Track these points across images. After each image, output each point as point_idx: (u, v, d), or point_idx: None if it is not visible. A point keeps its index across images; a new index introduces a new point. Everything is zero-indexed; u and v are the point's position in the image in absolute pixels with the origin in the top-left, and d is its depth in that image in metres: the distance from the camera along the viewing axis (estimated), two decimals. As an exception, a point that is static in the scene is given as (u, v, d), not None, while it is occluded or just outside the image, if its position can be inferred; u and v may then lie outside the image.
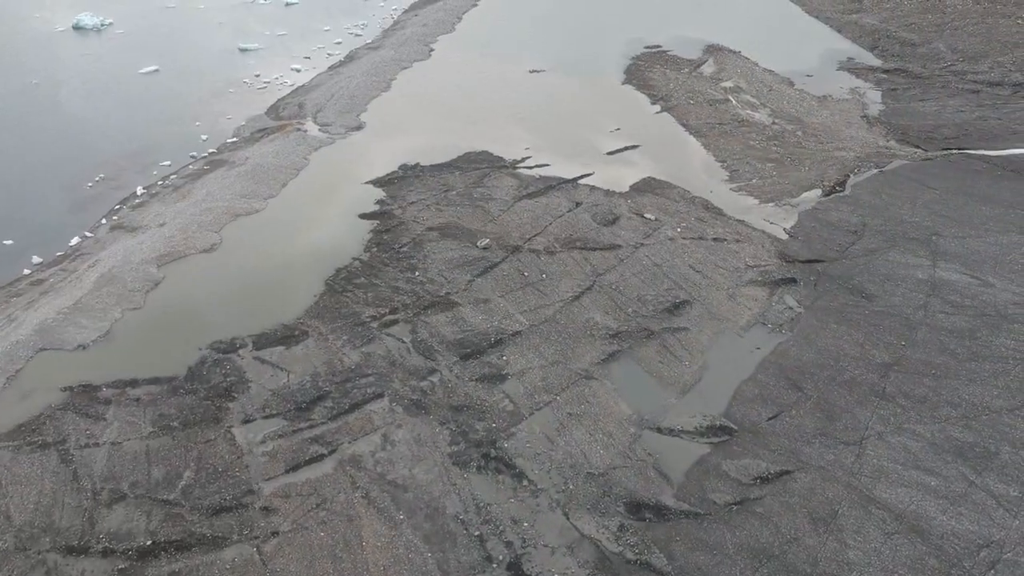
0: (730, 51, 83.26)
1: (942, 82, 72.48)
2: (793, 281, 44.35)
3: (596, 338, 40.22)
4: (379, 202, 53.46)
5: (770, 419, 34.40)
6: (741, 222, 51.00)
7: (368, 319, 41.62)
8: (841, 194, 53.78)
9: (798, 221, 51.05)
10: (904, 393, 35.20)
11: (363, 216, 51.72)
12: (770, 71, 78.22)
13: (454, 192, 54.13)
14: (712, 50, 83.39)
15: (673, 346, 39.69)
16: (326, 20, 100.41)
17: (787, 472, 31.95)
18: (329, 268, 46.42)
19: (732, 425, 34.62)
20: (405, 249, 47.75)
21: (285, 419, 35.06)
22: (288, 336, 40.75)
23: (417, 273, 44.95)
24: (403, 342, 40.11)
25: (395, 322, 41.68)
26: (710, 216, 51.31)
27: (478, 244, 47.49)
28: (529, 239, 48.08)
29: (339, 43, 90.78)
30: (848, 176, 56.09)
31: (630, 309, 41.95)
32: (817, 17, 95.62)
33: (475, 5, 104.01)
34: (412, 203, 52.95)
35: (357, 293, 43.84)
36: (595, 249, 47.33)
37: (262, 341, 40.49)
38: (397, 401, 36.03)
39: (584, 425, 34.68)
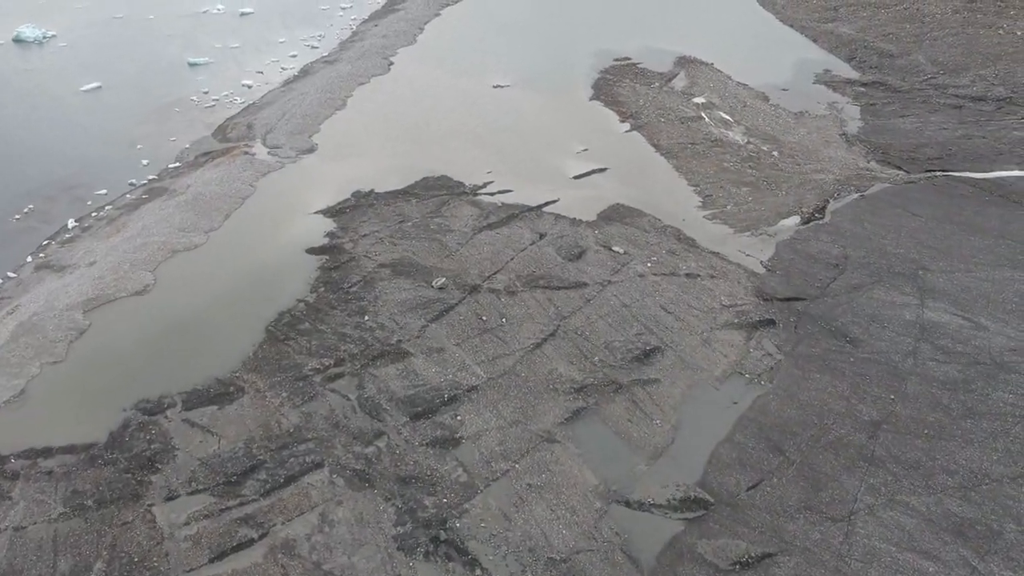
0: (702, 63, 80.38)
1: (923, 96, 69.77)
2: (772, 323, 41.32)
3: (559, 393, 36.85)
4: (329, 235, 49.90)
5: (750, 489, 31.39)
6: (715, 254, 47.86)
7: (311, 372, 38.05)
8: (821, 222, 50.84)
9: (776, 253, 48.00)
10: (895, 457, 32.15)
11: (311, 251, 48.27)
12: (744, 85, 75.31)
13: (410, 223, 50.63)
14: (684, 62, 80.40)
15: (643, 401, 36.41)
16: (282, 31, 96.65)
17: (769, 555, 28.64)
18: (271, 312, 42.91)
19: (708, 497, 31.49)
20: (355, 289, 44.25)
21: (213, 495, 31.60)
22: (222, 393, 37.22)
23: (367, 317, 41.39)
24: (348, 399, 36.65)
25: (340, 375, 38.16)
26: (682, 248, 48.11)
27: (433, 284, 44.12)
28: (489, 277, 44.69)
29: (294, 56, 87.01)
30: (827, 201, 53.20)
31: (596, 358, 38.60)
32: (792, 26, 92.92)
33: (438, 15, 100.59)
34: (364, 236, 49.47)
35: (300, 341, 40.21)
36: (559, 288, 44.00)
37: (193, 400, 36.88)
38: (338, 472, 32.63)
39: (545, 499, 31.33)
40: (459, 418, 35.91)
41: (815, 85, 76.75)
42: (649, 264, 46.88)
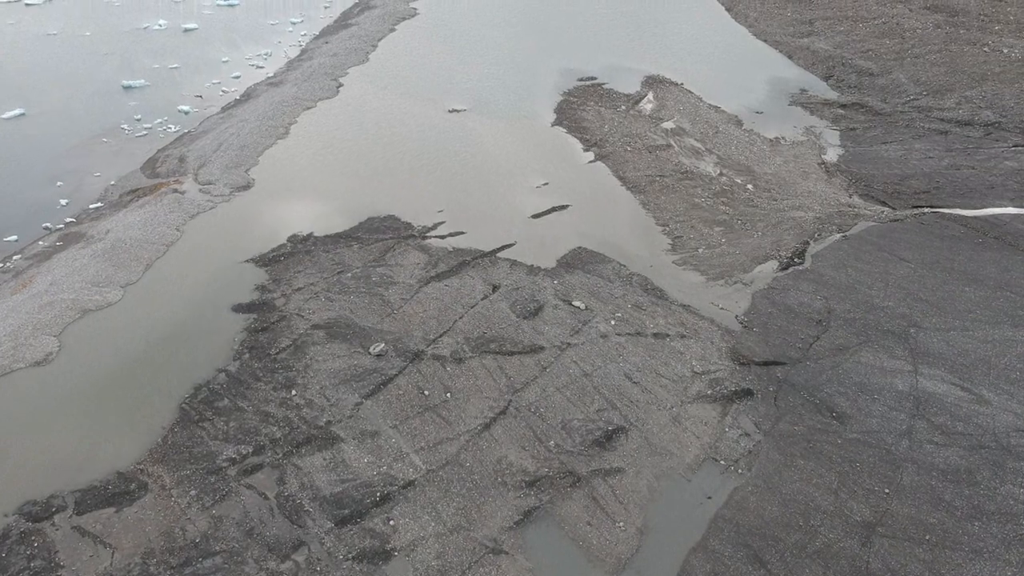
0: (671, 83, 75.98)
1: (906, 120, 65.67)
2: (749, 393, 36.97)
3: (509, 488, 32.21)
4: (259, 288, 45.00)
5: (726, 617, 26.38)
6: (686, 308, 43.38)
7: (226, 463, 33.27)
8: (800, 267, 46.56)
9: (752, 305, 43.66)
10: (893, 571, 27.36)
11: (238, 309, 43.43)
12: (716, 107, 71.03)
13: (349, 274, 45.72)
14: (652, 82, 75.96)
15: (604, 498, 31.84)
16: (226, 49, 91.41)
17: None
18: (187, 385, 38.21)
19: (678, 630, 26.49)
20: (283, 356, 39.38)
21: (97, 633, 26.28)
22: (122, 492, 32.48)
23: (294, 392, 36.54)
24: (266, 498, 31.83)
25: (259, 467, 33.42)
26: (650, 301, 43.53)
27: (371, 350, 39.35)
28: (434, 340, 39.98)
29: (237, 77, 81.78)
30: (807, 243, 48.84)
31: (552, 442, 33.95)
32: (766, 40, 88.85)
33: (393, 30, 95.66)
34: (298, 289, 44.56)
35: (217, 423, 35.40)
36: (512, 353, 39.47)
37: (88, 500, 32.05)
38: (246, 600, 27.43)
39: (488, 634, 26.37)
40: (392, 523, 31.16)
41: (791, 107, 72.62)
42: (613, 322, 42.24)
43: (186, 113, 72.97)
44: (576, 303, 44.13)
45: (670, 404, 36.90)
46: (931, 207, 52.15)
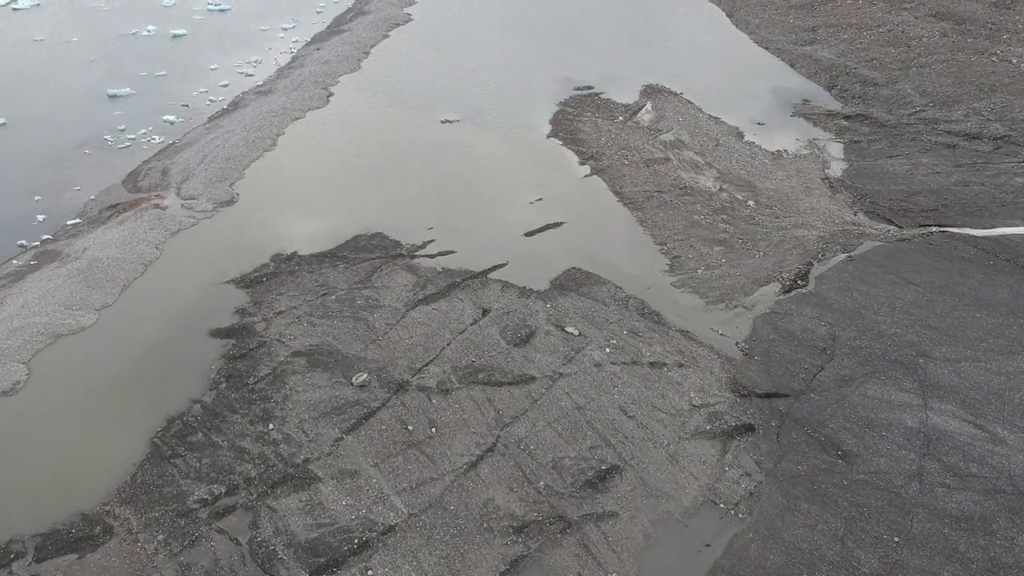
0: (670, 93, 74.11)
1: (912, 133, 63.75)
2: (750, 429, 34.95)
3: (495, 534, 30.45)
4: (239, 311, 43.22)
5: None
6: (684, 334, 41.47)
7: (197, 504, 31.56)
8: (804, 290, 44.63)
9: (753, 331, 41.72)
10: None
11: (216, 334, 41.65)
12: (716, 119, 69.14)
13: (333, 297, 43.86)
14: (650, 92, 74.09)
15: (596, 545, 30.09)
16: (215, 56, 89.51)
17: None
18: (160, 417, 36.63)
19: None
20: (262, 386, 37.61)
21: None
22: (85, 536, 30.92)
23: (271, 426, 34.75)
24: (238, 544, 30.05)
25: (232, 509, 31.71)
26: (646, 327, 41.65)
27: (353, 380, 37.59)
28: (419, 370, 38.18)
29: (225, 85, 79.87)
30: (811, 264, 46.99)
31: (542, 483, 32.12)
32: (767, 48, 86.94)
33: (386, 36, 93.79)
34: (280, 313, 42.72)
35: (189, 459, 33.63)
36: (502, 384, 37.72)
37: (49, 546, 30.45)
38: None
39: None
40: (370, 573, 29.31)
41: (793, 118, 70.72)
42: (608, 349, 40.37)
43: (172, 123, 71.11)
44: (569, 329, 42.27)
45: (667, 441, 35.00)
46: (939, 226, 50.20)
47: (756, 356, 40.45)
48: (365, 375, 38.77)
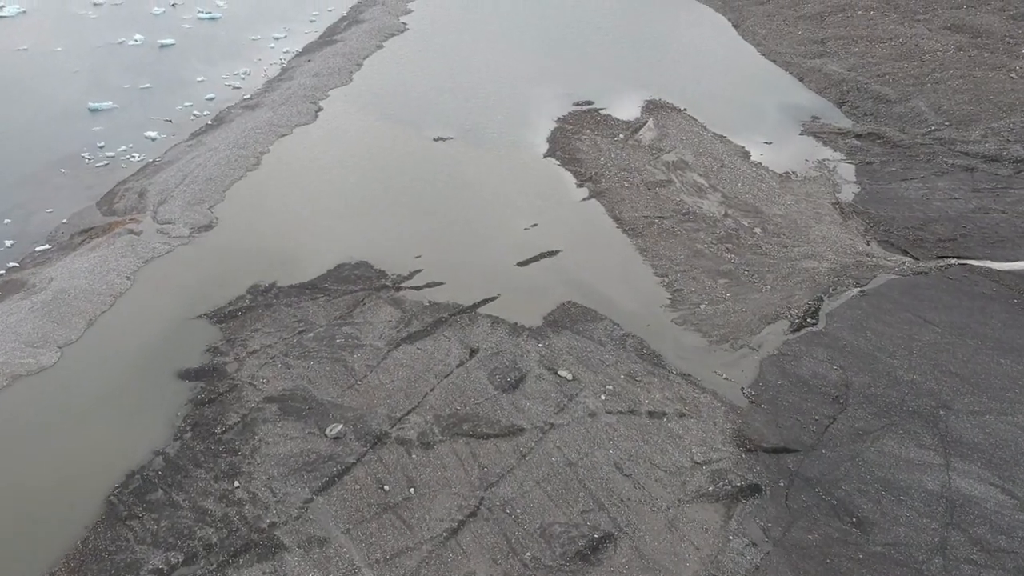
0: (673, 109, 71.28)
1: (927, 153, 60.81)
2: (757, 490, 31.90)
3: (475, 615, 27.03)
4: (211, 350, 40.52)
5: None
6: (686, 378, 38.61)
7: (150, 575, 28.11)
8: (814, 329, 41.80)
9: (760, 375, 38.91)
10: None
11: (185, 375, 39.05)
12: (721, 137, 66.21)
13: (311, 334, 41.05)
14: (652, 108, 71.29)
15: (586, 629, 26.60)
16: (202, 67, 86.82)
17: None
18: (119, 471, 34.15)
19: None
20: (229, 436, 34.96)
21: None
22: (26, 614, 27.13)
23: (237, 483, 32.04)
24: (193, 624, 26.60)
25: (188, 582, 28.15)
26: (645, 370, 38.86)
27: (328, 432, 34.82)
28: (400, 419, 35.46)
29: (211, 99, 77.09)
30: (821, 299, 44.10)
31: (528, 554, 29.35)
32: (775, 61, 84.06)
33: (380, 47, 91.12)
34: (253, 352, 39.94)
35: (147, 521, 31.06)
36: (488, 436, 35.01)
37: (-16, 625, 26.83)
38: None
39: None
40: (336, 661, 25.99)
41: (802, 136, 67.84)
42: (603, 396, 37.57)
43: (153, 139, 68.40)
44: (562, 372, 39.42)
45: (666, 504, 32.09)
46: (958, 258, 47.30)
47: (763, 404, 37.54)
48: (340, 426, 35.95)
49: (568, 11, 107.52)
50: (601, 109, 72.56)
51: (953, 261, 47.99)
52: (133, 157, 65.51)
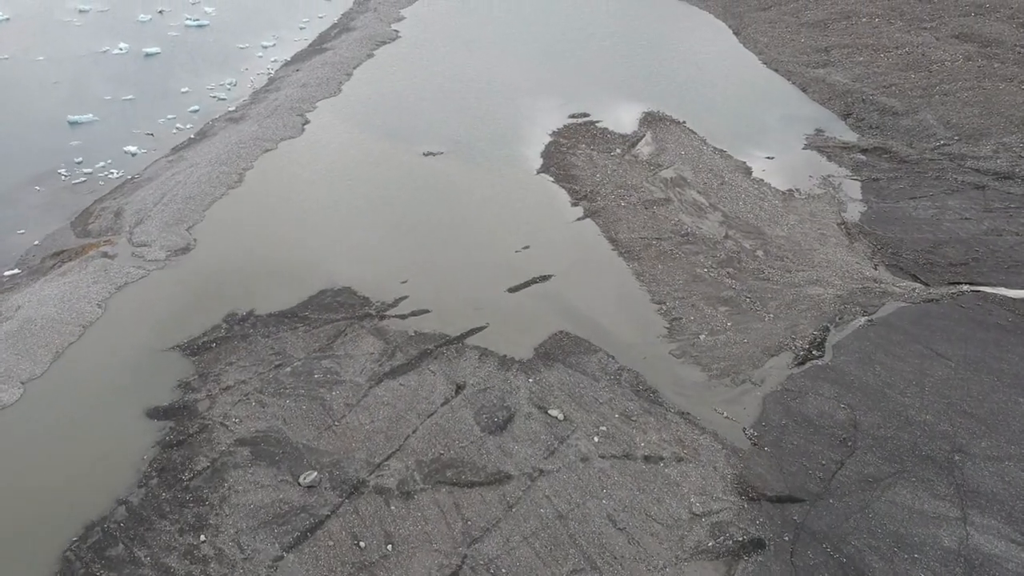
0: (672, 121, 69.00)
1: (936, 170, 58.48)
2: (760, 545, 29.42)
3: None
4: (182, 385, 38.39)
5: None
6: (685, 417, 36.41)
7: (104, 647, 25.91)
8: (819, 362, 39.64)
9: (763, 413, 36.69)
10: None
11: (153, 414, 37.10)
12: (721, 151, 63.90)
13: (288, 369, 38.88)
14: (650, 120, 68.98)
15: None
16: (187, 77, 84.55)
17: None
18: (77, 523, 32.13)
19: None
20: (198, 482, 32.90)
21: None
22: None
23: (203, 537, 29.98)
24: None
25: (146, 654, 25.94)
26: (641, 408, 36.70)
27: (301, 480, 32.78)
28: (379, 465, 33.35)
29: (195, 111, 74.88)
30: (827, 329, 41.74)
31: (513, 620, 26.54)
32: (777, 70, 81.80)
33: (371, 56, 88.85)
34: (227, 389, 37.79)
35: (104, 581, 28.19)
36: (473, 485, 32.85)
37: None
38: None
39: None
40: None
41: (806, 151, 65.57)
42: (596, 439, 35.35)
43: (133, 154, 66.17)
44: (553, 412, 37.15)
45: (662, 562, 29.93)
46: (970, 284, 45.05)
47: (766, 447, 35.26)
48: (315, 474, 33.69)
49: (564, 18, 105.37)
50: (597, 122, 70.30)
51: (965, 287, 45.67)
52: (112, 174, 63.24)
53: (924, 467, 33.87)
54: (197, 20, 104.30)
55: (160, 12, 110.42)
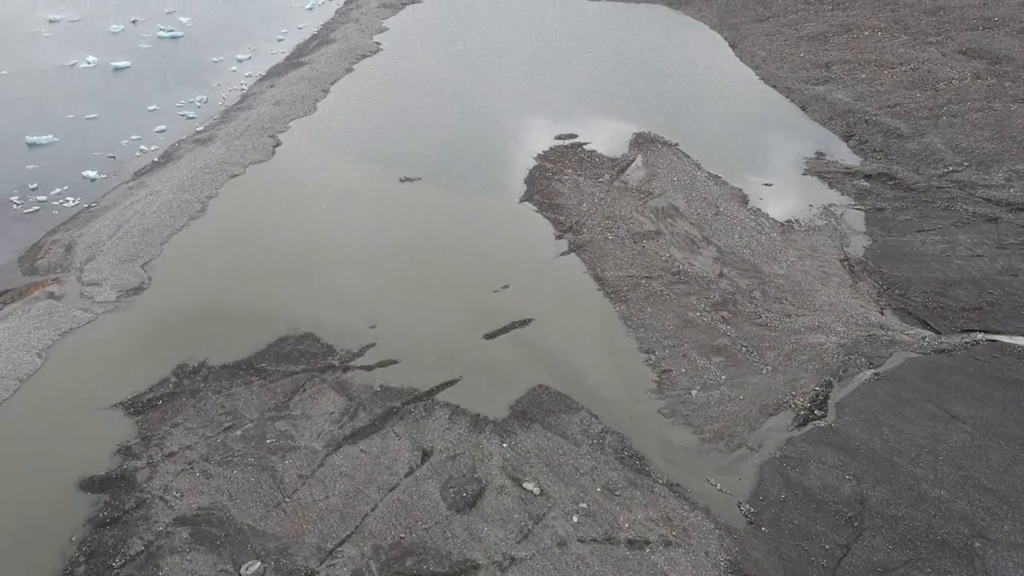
0: (664, 144, 65.41)
1: (945, 199, 54.87)
2: None
3: None
4: (122, 451, 35.37)
5: None
6: (674, 490, 32.95)
7: None
8: (822, 424, 36.00)
9: (760, 484, 33.23)
10: None
11: (87, 486, 34.40)
12: (716, 177, 60.37)
13: (239, 432, 35.46)
14: (641, 142, 65.42)
15: None
16: (156, 94, 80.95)
17: None
18: (-15, 624, 27.13)
19: None
20: (129, 571, 28.47)
21: None
22: None
23: (127, 645, 25.71)
24: None
25: None
26: (626, 480, 33.32)
27: (243, 571, 29.31)
28: (332, 551, 29.57)
29: (162, 131, 71.27)
30: (830, 384, 38.06)
31: None
32: (775, 86, 78.26)
33: (350, 70, 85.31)
34: (170, 455, 34.46)
35: None
36: (435, 576, 28.38)
37: None
38: None
39: None
40: None
41: (806, 177, 62.08)
42: (576, 517, 31.88)
43: (92, 180, 62.60)
44: (528, 485, 33.63)
45: (645, 674, 25.78)
46: (985, 332, 41.48)
47: (763, 526, 31.73)
48: (258, 564, 30.19)
49: (551, 30, 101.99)
50: (585, 144, 66.75)
51: (980, 336, 42.06)
52: (67, 202, 59.63)
53: (941, 555, 30.30)
54: (171, 31, 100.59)
55: (133, 22, 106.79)
